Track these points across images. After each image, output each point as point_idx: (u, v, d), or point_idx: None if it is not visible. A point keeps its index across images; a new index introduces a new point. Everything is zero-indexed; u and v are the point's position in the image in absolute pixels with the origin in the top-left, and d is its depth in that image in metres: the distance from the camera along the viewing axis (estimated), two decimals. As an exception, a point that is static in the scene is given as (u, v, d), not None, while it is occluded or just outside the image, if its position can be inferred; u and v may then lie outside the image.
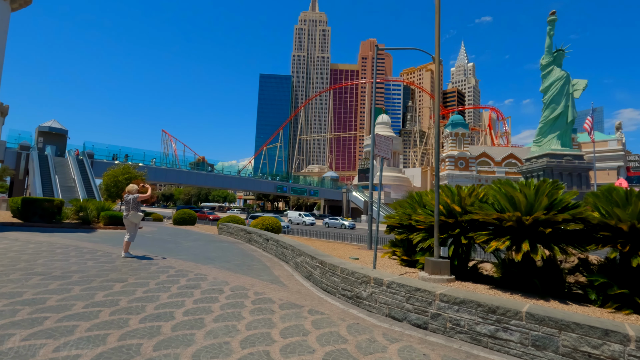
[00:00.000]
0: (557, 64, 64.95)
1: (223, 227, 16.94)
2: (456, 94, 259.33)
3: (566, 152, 60.27)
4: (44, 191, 36.04)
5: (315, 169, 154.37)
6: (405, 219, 8.75)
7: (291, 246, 9.52)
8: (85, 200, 16.26)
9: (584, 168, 59.30)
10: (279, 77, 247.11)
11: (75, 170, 40.62)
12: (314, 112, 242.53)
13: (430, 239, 7.29)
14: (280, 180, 77.21)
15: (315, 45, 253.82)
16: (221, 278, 7.02)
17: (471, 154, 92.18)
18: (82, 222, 14.64)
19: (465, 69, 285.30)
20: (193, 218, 24.08)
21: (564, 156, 59.87)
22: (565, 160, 59.85)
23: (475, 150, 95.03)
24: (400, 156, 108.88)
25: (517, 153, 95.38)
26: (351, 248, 14.58)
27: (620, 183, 23.00)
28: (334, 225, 48.09)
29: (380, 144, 7.21)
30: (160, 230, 17.71)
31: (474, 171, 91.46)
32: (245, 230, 14.33)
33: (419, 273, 7.13)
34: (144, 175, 39.96)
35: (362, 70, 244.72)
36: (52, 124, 48.87)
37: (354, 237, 18.07)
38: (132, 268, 7.35)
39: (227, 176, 65.31)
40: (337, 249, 13.54)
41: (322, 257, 7.46)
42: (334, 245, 15.61)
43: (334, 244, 16.44)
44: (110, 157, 50.51)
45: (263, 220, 15.57)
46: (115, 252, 9.23)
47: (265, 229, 15.28)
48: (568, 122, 63.01)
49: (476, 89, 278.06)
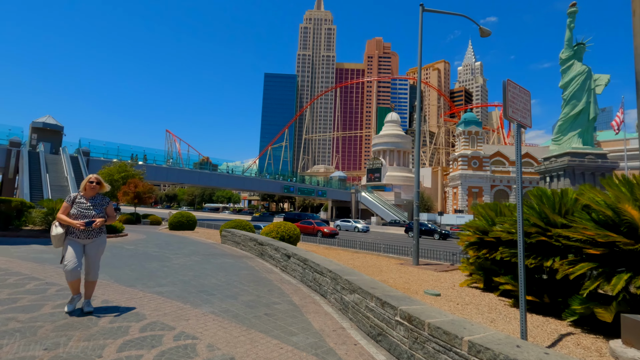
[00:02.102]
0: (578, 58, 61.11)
1: (227, 234, 13.68)
2: (463, 93, 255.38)
3: (588, 150, 56.51)
4: (32, 191, 33.10)
5: (320, 169, 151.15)
6: (508, 231, 5.40)
7: (330, 271, 6.23)
8: (55, 202, 13.11)
9: (608, 168, 55.67)
10: (284, 76, 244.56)
11: (69, 168, 37.65)
12: (319, 112, 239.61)
13: (624, 275, 3.90)
14: (286, 180, 74.00)
15: (321, 44, 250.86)
16: (223, 345, 3.76)
17: (485, 153, 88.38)
18: (47, 229, 11.53)
19: (472, 68, 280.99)
20: (192, 222, 20.80)
21: (586, 155, 56.07)
22: (588, 159, 56.01)
23: (489, 149, 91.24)
24: (409, 155, 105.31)
25: (532, 152, 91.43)
26: (393, 264, 11.25)
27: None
28: (346, 228, 44.77)
29: (515, 100, 3.90)
30: (150, 238, 14.49)
31: (488, 171, 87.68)
32: (256, 241, 11.05)
33: (609, 344, 3.77)
34: (142, 174, 36.96)
35: (367, 69, 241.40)
36: (46, 120, 46.06)
37: (386, 247, 14.73)
38: (57, 326, 4.10)
39: (232, 176, 62.23)
40: (380, 267, 10.20)
41: (397, 299, 4.21)
42: (368, 259, 12.29)
43: (365, 256, 13.12)
44: (107, 155, 47.53)
45: (277, 227, 12.27)
46: (59, 284, 5.98)
47: (281, 238, 11.99)
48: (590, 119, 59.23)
49: (484, 88, 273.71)
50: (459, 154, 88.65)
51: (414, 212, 11.73)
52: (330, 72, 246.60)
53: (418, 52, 12.71)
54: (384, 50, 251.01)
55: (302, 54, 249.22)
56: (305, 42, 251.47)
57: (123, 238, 12.99)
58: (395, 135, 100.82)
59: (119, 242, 11.72)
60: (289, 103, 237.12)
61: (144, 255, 9.55)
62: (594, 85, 59.16)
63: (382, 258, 13.05)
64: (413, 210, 11.76)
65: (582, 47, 59.29)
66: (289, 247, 9.20)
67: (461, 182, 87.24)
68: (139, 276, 6.96)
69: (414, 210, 11.72)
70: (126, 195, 29.93)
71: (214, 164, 72.39)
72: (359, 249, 15.73)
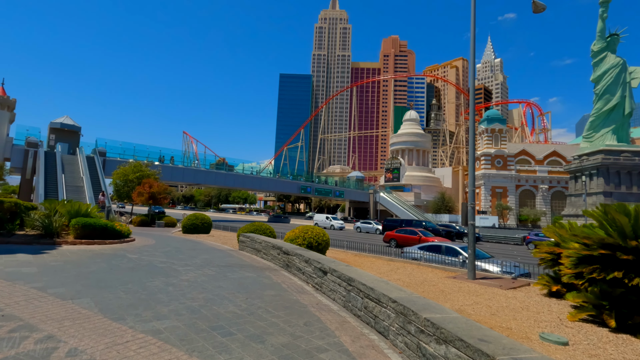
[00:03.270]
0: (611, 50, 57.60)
1: (245, 239, 11.99)
2: (482, 90, 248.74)
3: (624, 148, 52.64)
4: (47, 191, 32.47)
5: (336, 170, 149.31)
6: None
7: (393, 301, 4.42)
8: (57, 202, 11.73)
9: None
10: (299, 76, 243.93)
11: (85, 169, 37.01)
12: (334, 112, 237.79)
13: None
14: (303, 180, 72.41)
15: (336, 43, 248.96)
16: None
17: (509, 152, 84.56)
18: (43, 234, 10.08)
19: (492, 65, 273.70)
20: (207, 225, 19.26)
21: (622, 152, 52.22)
22: (624, 157, 52.12)
23: (514, 147, 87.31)
24: (429, 155, 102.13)
25: (560, 150, 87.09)
26: (444, 278, 9.32)
27: None
28: (367, 230, 42.75)
29: None
30: (159, 243, 12.95)
31: (513, 170, 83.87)
32: (280, 250, 9.30)
33: None
34: (158, 173, 35.97)
35: (384, 68, 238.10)
36: (64, 120, 45.85)
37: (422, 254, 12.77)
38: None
39: (248, 176, 61.06)
40: (435, 284, 8.29)
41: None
42: (410, 270, 10.39)
43: (405, 266, 11.21)
44: (124, 155, 46.92)
45: (304, 232, 10.48)
46: (19, 318, 4.36)
47: (309, 246, 10.21)
48: (625, 115, 55.44)
49: (504, 85, 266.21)
50: (481, 152, 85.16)
51: (467, 215, 9.76)
52: (346, 71, 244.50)
53: (471, 36, 10.71)
54: (400, 48, 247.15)
55: (317, 54, 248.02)
56: (320, 42, 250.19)
57: (128, 244, 11.43)
58: (415, 134, 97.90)
59: (122, 249, 10.23)
60: (304, 103, 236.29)
61: (147, 268, 7.93)
62: (629, 79, 55.39)
63: (425, 269, 11.12)
64: (467, 213, 9.78)
65: (616, 38, 55.66)
66: (323, 259, 7.39)
67: (484, 182, 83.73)
68: (133, 301, 5.29)
69: (467, 213, 9.75)
70: (141, 195, 28.84)
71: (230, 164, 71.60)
72: (393, 256, 13.79)
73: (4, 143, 38.97)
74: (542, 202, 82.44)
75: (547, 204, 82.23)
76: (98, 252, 9.31)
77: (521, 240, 35.38)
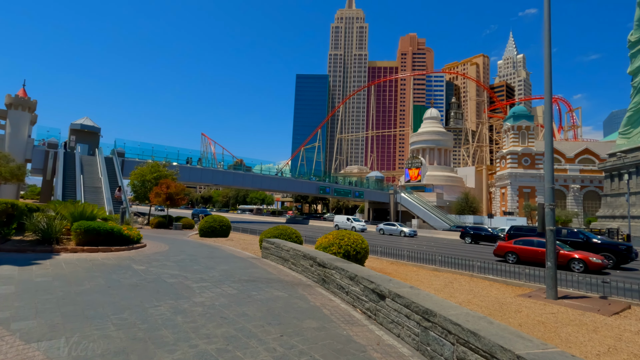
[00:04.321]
0: (651, 40, 53.92)
1: (269, 246, 10.41)
2: (504, 88, 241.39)
3: (666, 143, 49.01)
4: (65, 192, 32.02)
5: (354, 170, 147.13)
6: None
7: None
8: (61, 204, 10.47)
9: (692, 164, 48.07)
10: (316, 76, 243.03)
11: (103, 169, 36.56)
12: (351, 112, 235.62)
13: None
14: (322, 180, 70.82)
15: (353, 43, 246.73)
16: None
17: (537, 150, 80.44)
18: (41, 240, 8.78)
19: (514, 61, 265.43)
20: (225, 228, 17.81)
21: (664, 148, 48.60)
22: (667, 153, 48.43)
23: (542, 145, 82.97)
24: (451, 154, 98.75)
25: (593, 148, 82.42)
26: (517, 298, 7.46)
27: None
28: (390, 232, 40.70)
29: None
30: (173, 249, 11.52)
31: (542, 169, 79.58)
32: (314, 261, 7.66)
33: None
34: (176, 174, 35.08)
35: (401, 67, 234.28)
36: (84, 122, 45.88)
37: (466, 261, 10.87)
38: None
39: (266, 176, 59.94)
40: (518, 310, 6.45)
41: None
42: (467, 285, 8.57)
43: (457, 278, 9.37)
44: (142, 156, 46.47)
45: (339, 239, 8.80)
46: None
47: (346, 255, 8.52)
48: (666, 109, 51.84)
49: (527, 82, 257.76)
50: (507, 151, 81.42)
51: (544, 219, 7.86)
52: (363, 71, 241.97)
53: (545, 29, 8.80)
54: (418, 46, 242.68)
55: (333, 53, 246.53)
56: (336, 41, 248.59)
57: (137, 251, 9.92)
58: (436, 133, 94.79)
59: (129, 258, 8.77)
60: (320, 103, 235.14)
61: (154, 284, 6.42)
62: (671, 71, 51.44)
63: (482, 282, 9.25)
64: (544, 216, 7.87)
65: (656, 26, 51.75)
66: (375, 277, 5.70)
67: (510, 181, 79.95)
68: (125, 344, 3.74)
69: (545, 216, 7.85)
70: (158, 196, 27.85)
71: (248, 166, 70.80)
72: (439, 265, 11.92)
73: (25, 144, 39.03)
74: (574, 203, 78.02)
75: (579, 205, 77.80)
76: (99, 262, 7.90)
77: (561, 244, 32.63)
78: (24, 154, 38.68)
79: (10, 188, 38.06)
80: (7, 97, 38.63)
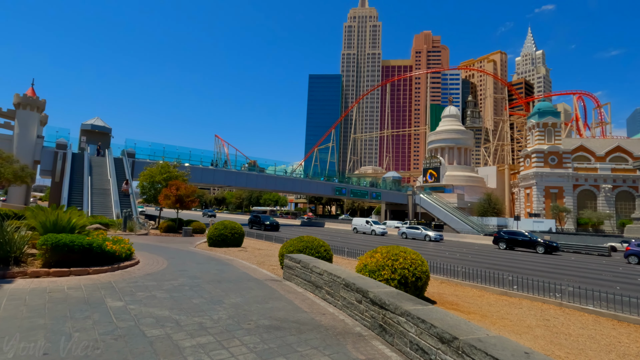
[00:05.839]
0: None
1: (293, 265, 8.07)
2: (523, 85, 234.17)
3: None
4: (72, 195, 30.54)
5: (369, 170, 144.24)
6: None
7: None
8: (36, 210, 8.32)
9: None
10: (329, 76, 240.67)
11: (112, 170, 35.05)
12: (365, 112, 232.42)
13: None
14: (337, 181, 68.34)
15: (366, 42, 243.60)
16: None
17: (565, 148, 76.02)
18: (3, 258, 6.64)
19: (533, 57, 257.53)
20: (238, 236, 15.49)
21: None
22: None
23: (569, 143, 78.55)
24: (471, 153, 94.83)
25: (625, 145, 77.46)
26: None
27: None
28: (414, 237, 37.92)
29: None
30: (171, 267, 9.24)
31: (570, 168, 75.24)
32: (365, 296, 5.27)
33: None
34: (187, 175, 33.26)
35: (416, 65, 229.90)
36: (95, 122, 44.68)
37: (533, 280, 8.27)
38: None
39: (280, 177, 57.86)
40: None
41: None
42: (566, 321, 6.02)
43: (543, 308, 6.82)
44: (153, 157, 44.94)
45: (392, 259, 6.38)
46: None
47: (402, 283, 6.12)
48: None
49: (547, 78, 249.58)
50: (532, 149, 77.28)
51: None
52: (376, 70, 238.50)
53: None
54: (432, 44, 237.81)
55: (346, 53, 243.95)
56: (349, 41, 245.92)
57: (124, 272, 7.73)
58: (455, 131, 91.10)
59: (108, 284, 6.64)
60: (334, 104, 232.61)
61: (122, 344, 4.06)
62: None
63: (583, 316, 6.67)
64: None
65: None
66: (495, 346, 3.29)
67: (536, 181, 75.77)
68: None
69: None
70: (167, 199, 25.95)
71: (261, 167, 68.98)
72: (506, 287, 9.33)
73: (34, 145, 37.88)
74: (605, 204, 73.28)
75: (611, 206, 73.02)
76: (60, 295, 5.61)
77: (608, 250, 29.29)
78: (32, 155, 37.54)
79: (19, 190, 36.91)
80: (16, 97, 37.54)
